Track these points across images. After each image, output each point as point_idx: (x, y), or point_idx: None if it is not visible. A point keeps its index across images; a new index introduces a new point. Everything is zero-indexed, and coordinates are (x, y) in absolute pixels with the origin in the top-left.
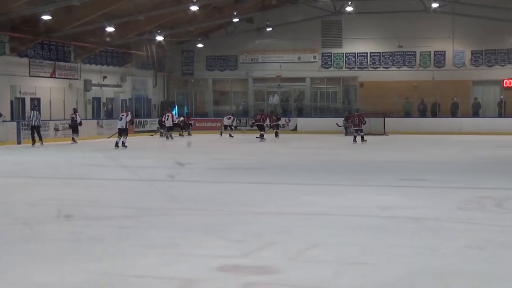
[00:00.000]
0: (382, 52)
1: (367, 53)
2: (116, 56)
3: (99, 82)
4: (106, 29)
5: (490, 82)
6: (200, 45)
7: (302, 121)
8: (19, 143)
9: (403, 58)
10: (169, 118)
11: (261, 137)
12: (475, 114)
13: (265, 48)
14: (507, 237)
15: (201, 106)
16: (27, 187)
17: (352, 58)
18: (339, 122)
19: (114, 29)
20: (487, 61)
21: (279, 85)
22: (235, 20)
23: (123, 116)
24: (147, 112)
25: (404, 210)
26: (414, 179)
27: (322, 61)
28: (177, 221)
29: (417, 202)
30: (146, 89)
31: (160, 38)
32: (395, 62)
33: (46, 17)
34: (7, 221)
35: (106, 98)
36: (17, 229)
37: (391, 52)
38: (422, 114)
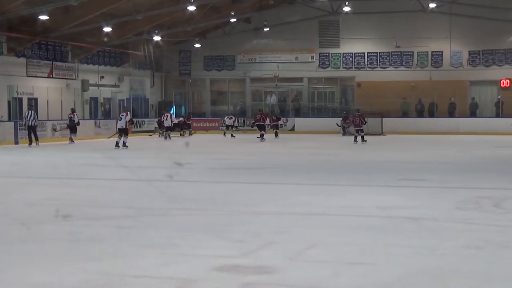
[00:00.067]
0: (380, 52)
1: (364, 53)
2: (114, 56)
3: (96, 82)
4: (104, 29)
5: (487, 82)
6: (197, 45)
7: (299, 121)
8: (16, 143)
9: (400, 58)
10: (168, 118)
11: (261, 137)
12: (473, 114)
13: (263, 48)
14: (505, 237)
15: (199, 106)
16: (25, 187)
17: (349, 58)
18: (339, 122)
19: (111, 29)
20: (484, 61)
21: (276, 85)
22: (233, 20)
23: (123, 116)
24: (144, 112)
25: (402, 210)
26: (412, 179)
27: (320, 61)
28: (176, 221)
29: (415, 202)
30: (143, 89)
31: (157, 38)
32: (392, 62)
33: (44, 17)
34: (6, 221)
35: (104, 98)
36: (16, 229)
37: (389, 52)
38: (420, 114)
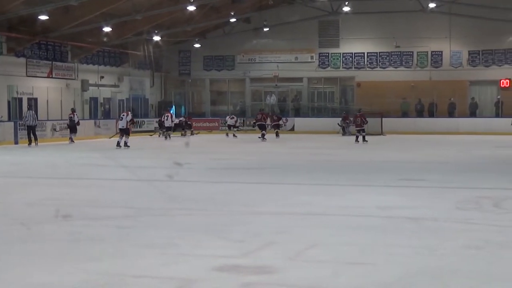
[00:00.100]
0: (379, 52)
1: (364, 53)
2: (113, 56)
3: (96, 82)
4: (104, 29)
5: (487, 82)
6: (197, 45)
7: (299, 121)
8: (16, 143)
9: (400, 58)
10: (168, 118)
11: (262, 137)
12: (472, 114)
13: (262, 48)
14: (505, 237)
15: (198, 106)
16: (25, 187)
17: (349, 58)
18: (340, 122)
19: (111, 29)
20: (484, 61)
21: (276, 85)
22: (232, 20)
23: (124, 116)
24: (144, 112)
25: (402, 210)
26: (412, 179)
27: (319, 61)
28: (176, 221)
29: (415, 202)
30: (143, 89)
31: (157, 38)
32: (392, 62)
33: (43, 17)
34: (6, 221)
35: (103, 98)
36: (16, 229)
37: (388, 52)
38: (419, 114)
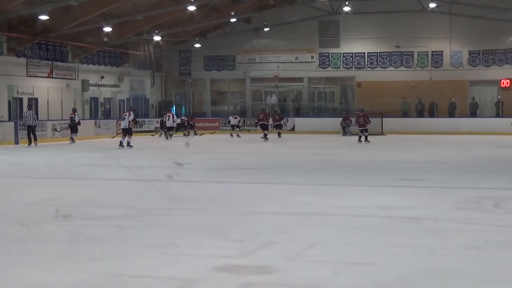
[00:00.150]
0: (380, 52)
1: (364, 53)
2: (114, 56)
3: (96, 82)
4: (104, 29)
5: (487, 82)
6: (197, 45)
7: (300, 121)
8: (16, 143)
9: (400, 58)
10: (170, 118)
11: (264, 137)
12: (473, 114)
13: (263, 48)
14: (505, 237)
15: (199, 106)
16: (25, 187)
17: (349, 58)
18: (341, 122)
19: (111, 29)
20: (484, 61)
21: (276, 85)
22: (233, 20)
23: (126, 116)
24: (145, 112)
25: (402, 210)
26: (412, 179)
27: (320, 61)
28: (176, 221)
29: (415, 202)
30: (143, 89)
31: (157, 38)
32: (392, 62)
33: (44, 17)
34: (5, 221)
35: (104, 98)
36: (15, 229)
37: (389, 52)
38: (420, 114)
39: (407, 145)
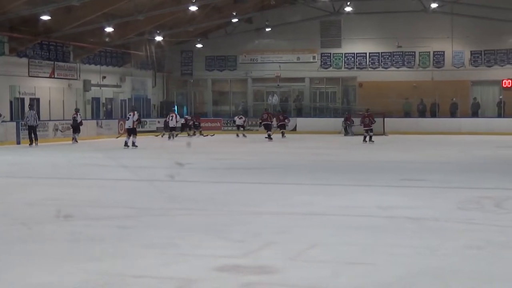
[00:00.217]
0: (381, 52)
1: (366, 53)
2: (115, 56)
3: (98, 82)
4: (106, 29)
5: (489, 82)
6: (199, 45)
7: (301, 121)
8: (18, 143)
9: (402, 58)
10: (173, 119)
11: (268, 137)
12: (474, 114)
13: (264, 48)
14: (506, 237)
15: (200, 106)
16: (26, 187)
17: (351, 58)
18: (343, 122)
19: (113, 29)
20: (486, 61)
21: (278, 85)
22: (234, 20)
23: (130, 116)
24: (146, 112)
25: (404, 210)
26: (414, 179)
27: (321, 61)
28: (176, 221)
29: (417, 202)
30: (145, 89)
31: (159, 38)
32: (394, 62)
33: (45, 17)
34: (6, 221)
35: (106, 98)
36: (16, 229)
37: (390, 52)
38: (422, 114)
39: (409, 145)
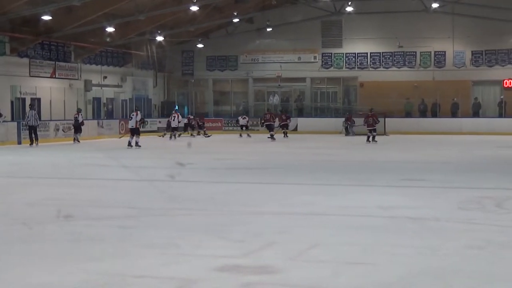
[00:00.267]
0: (382, 52)
1: (367, 53)
2: (116, 56)
3: (99, 82)
4: (107, 29)
5: (490, 82)
6: (200, 45)
7: (302, 121)
8: (19, 143)
9: (403, 58)
10: (175, 119)
11: (271, 137)
12: (475, 114)
13: (265, 48)
14: (507, 237)
15: (201, 106)
16: (26, 187)
17: (352, 58)
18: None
19: (114, 29)
20: (487, 61)
21: (279, 85)
22: (235, 20)
23: (133, 115)
24: (147, 113)
25: (404, 210)
26: (414, 179)
27: (322, 61)
28: (176, 221)
29: (417, 202)
30: (146, 89)
31: (160, 38)
32: (395, 62)
33: (46, 17)
34: (6, 221)
35: (107, 98)
36: (16, 229)
37: (391, 52)
38: (423, 114)
39: (410, 145)
